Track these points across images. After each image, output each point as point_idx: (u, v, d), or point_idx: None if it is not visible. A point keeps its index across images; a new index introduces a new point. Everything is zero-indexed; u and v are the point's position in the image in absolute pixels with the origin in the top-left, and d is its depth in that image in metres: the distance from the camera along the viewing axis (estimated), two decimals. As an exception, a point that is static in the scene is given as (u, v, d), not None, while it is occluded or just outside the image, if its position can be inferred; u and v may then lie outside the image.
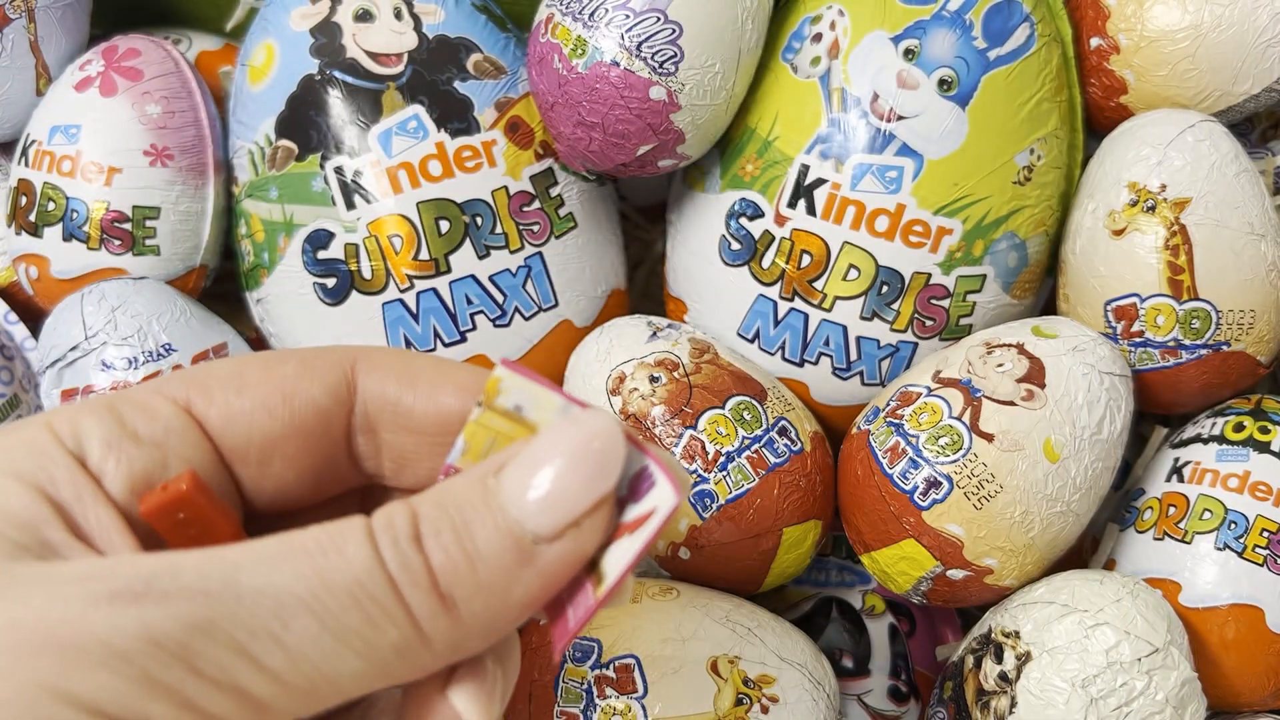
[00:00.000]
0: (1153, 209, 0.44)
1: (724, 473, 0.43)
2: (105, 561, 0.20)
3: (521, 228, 0.48)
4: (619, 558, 0.22)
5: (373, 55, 0.47)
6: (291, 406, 0.23)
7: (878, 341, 0.46)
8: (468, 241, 0.47)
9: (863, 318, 0.46)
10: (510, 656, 0.24)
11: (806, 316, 0.47)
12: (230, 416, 0.23)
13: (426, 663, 0.21)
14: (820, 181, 0.45)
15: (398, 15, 0.48)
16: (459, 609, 0.20)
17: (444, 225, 0.46)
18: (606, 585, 0.21)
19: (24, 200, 0.48)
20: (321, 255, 0.47)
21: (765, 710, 0.40)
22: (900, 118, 0.45)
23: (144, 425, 0.22)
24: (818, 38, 0.46)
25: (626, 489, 0.22)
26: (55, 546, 0.20)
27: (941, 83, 0.45)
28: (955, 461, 0.41)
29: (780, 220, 0.46)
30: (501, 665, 0.23)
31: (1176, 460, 0.46)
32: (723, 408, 0.44)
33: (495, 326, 0.47)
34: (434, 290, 0.46)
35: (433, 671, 0.21)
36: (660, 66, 0.43)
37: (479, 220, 0.47)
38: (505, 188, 0.47)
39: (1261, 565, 0.42)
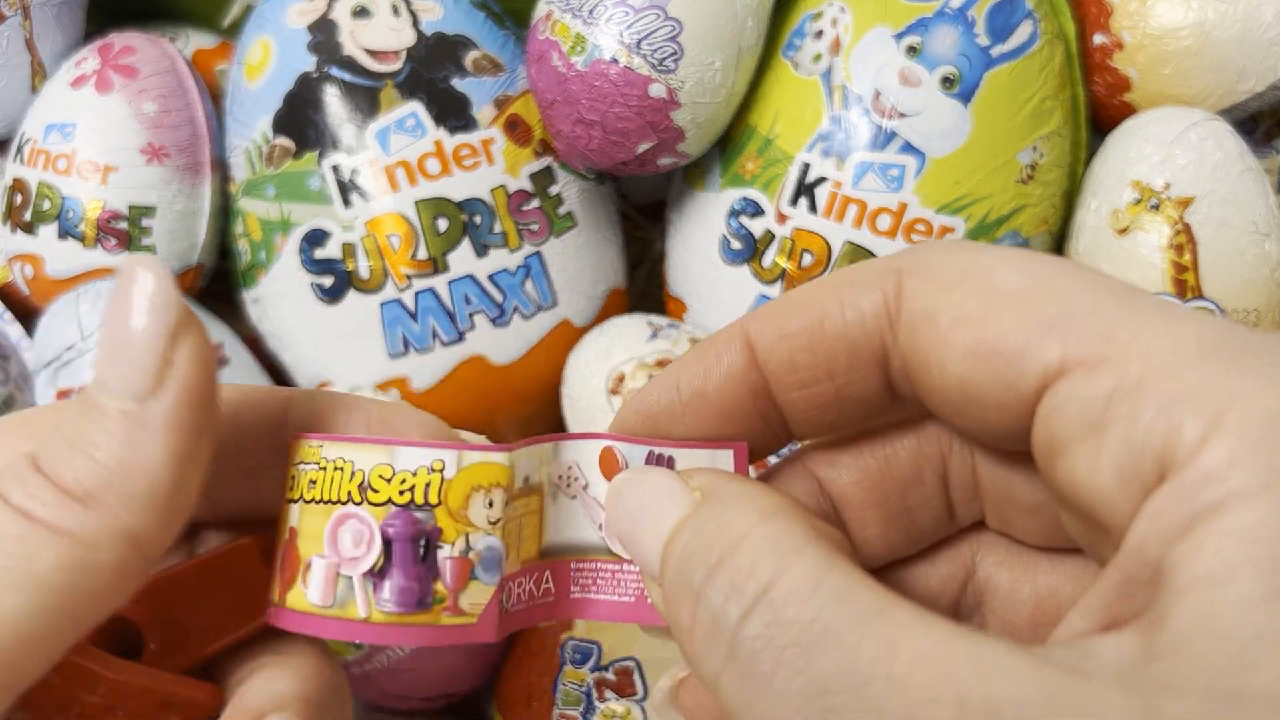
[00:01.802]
0: (1157, 207, 0.43)
1: (724, 473, 0.43)
2: None
3: (520, 226, 0.47)
4: None
5: (370, 52, 0.47)
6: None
7: (879, 341, 0.46)
8: (466, 240, 0.46)
9: (864, 317, 0.46)
10: None
11: (807, 316, 0.46)
12: None
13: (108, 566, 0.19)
14: (821, 180, 0.45)
15: (395, 12, 0.47)
16: (133, 510, 0.19)
17: (442, 224, 0.46)
18: None
19: (19, 199, 0.48)
20: (319, 254, 0.46)
21: (766, 713, 0.40)
22: (902, 115, 0.44)
23: None
24: (819, 35, 0.46)
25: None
26: None
27: (944, 80, 0.44)
28: (958, 462, 0.41)
29: (781, 219, 0.46)
30: None
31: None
32: (723, 408, 0.44)
33: (494, 326, 0.47)
34: (432, 290, 0.46)
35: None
36: (660, 64, 0.43)
37: (478, 219, 0.46)
38: (504, 186, 0.47)
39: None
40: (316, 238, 0.46)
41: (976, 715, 0.15)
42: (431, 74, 0.47)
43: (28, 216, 0.48)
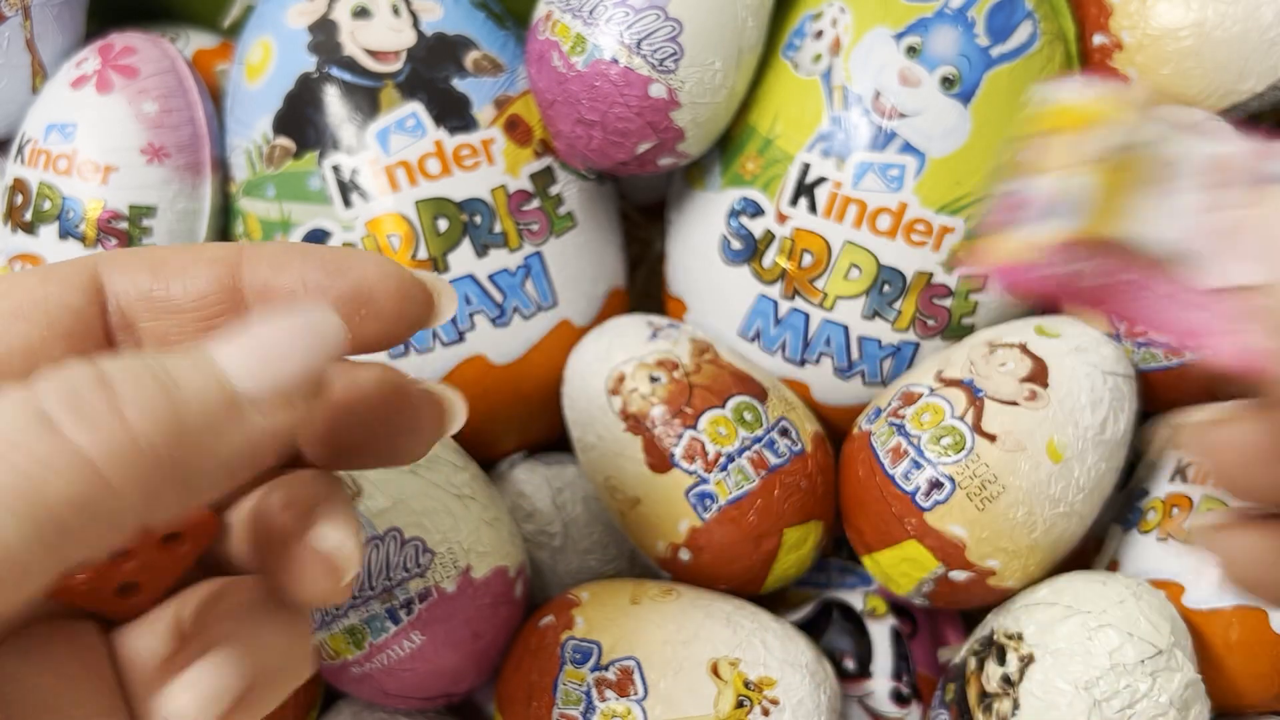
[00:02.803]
0: (1156, 208, 0.44)
1: (724, 473, 0.43)
2: None
3: (520, 226, 0.47)
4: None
5: (370, 52, 0.47)
6: (46, 309, 0.22)
7: (879, 341, 0.46)
8: (466, 240, 0.46)
9: (864, 317, 0.46)
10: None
11: (807, 316, 0.46)
12: None
13: (121, 513, 0.18)
14: (821, 180, 0.45)
15: (395, 12, 0.47)
16: (153, 449, 0.18)
17: (442, 224, 0.46)
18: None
19: (19, 199, 0.48)
20: (319, 254, 0.47)
21: (766, 713, 0.40)
22: (902, 115, 0.44)
23: None
24: (819, 35, 0.46)
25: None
26: None
27: (944, 80, 0.44)
28: (958, 462, 0.41)
29: (781, 219, 0.46)
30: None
31: (1180, 461, 0.45)
32: (723, 408, 0.44)
33: (494, 326, 0.47)
34: (432, 289, 0.46)
35: (144, 525, 0.19)
36: (660, 64, 0.43)
37: (478, 219, 0.46)
38: (504, 186, 0.47)
39: (1266, 567, 0.41)
40: (317, 238, 0.46)
41: None
42: (432, 74, 0.47)
43: (28, 216, 0.48)
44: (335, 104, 0.46)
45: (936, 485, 0.41)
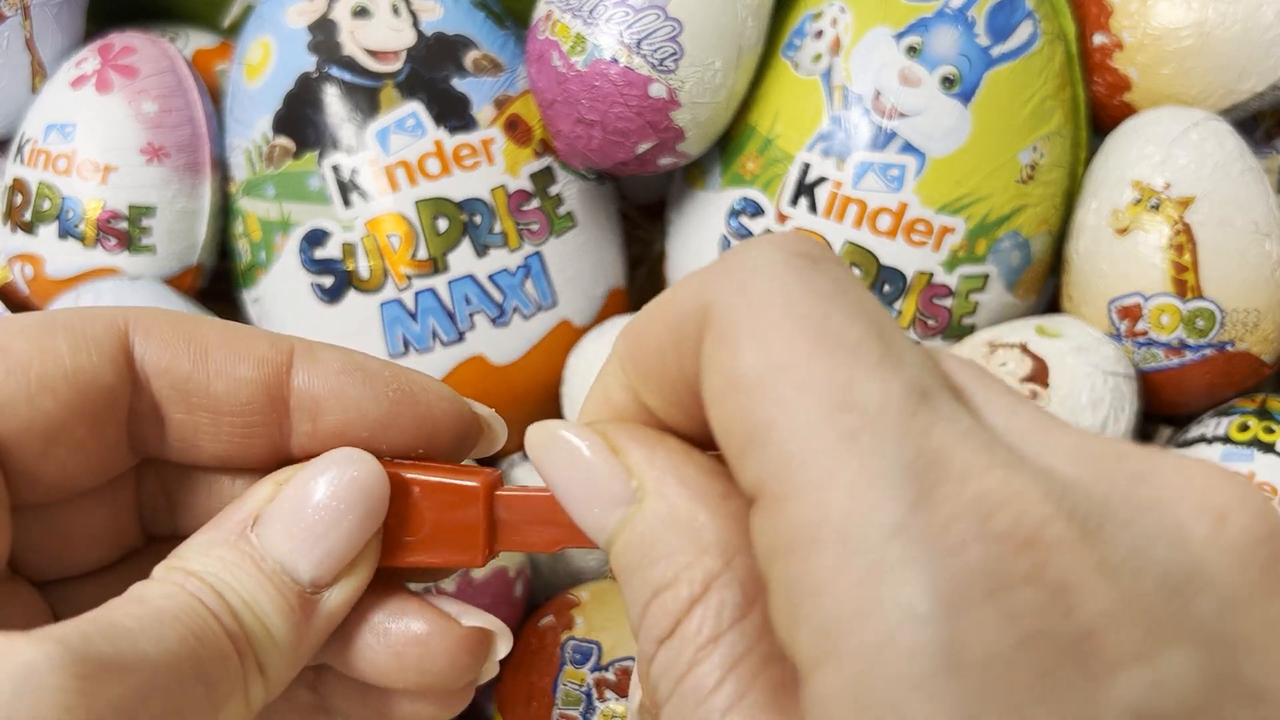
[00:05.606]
0: (1157, 207, 0.43)
1: (725, 473, 0.43)
2: None
3: (520, 226, 0.47)
4: None
5: (370, 52, 0.47)
6: (77, 385, 0.20)
7: (879, 341, 0.46)
8: (466, 240, 0.46)
9: (864, 317, 0.46)
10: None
11: (808, 316, 0.46)
12: (2, 402, 0.19)
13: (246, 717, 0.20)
14: (822, 180, 0.45)
15: (395, 12, 0.47)
16: (268, 674, 0.20)
17: (442, 224, 0.46)
18: None
19: (19, 199, 0.48)
20: (318, 254, 0.46)
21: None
22: (902, 115, 0.44)
23: None
24: (819, 34, 0.46)
25: None
26: None
27: (944, 80, 0.44)
28: (958, 462, 0.41)
29: (781, 219, 0.46)
30: None
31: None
32: (723, 408, 0.44)
33: (494, 326, 0.47)
34: (432, 290, 0.46)
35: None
36: (660, 64, 0.43)
37: (477, 219, 0.46)
38: (504, 186, 0.47)
39: (1267, 567, 0.41)
40: (316, 238, 0.46)
41: None
42: (431, 74, 0.47)
43: (28, 216, 0.48)
44: (335, 104, 0.46)
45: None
